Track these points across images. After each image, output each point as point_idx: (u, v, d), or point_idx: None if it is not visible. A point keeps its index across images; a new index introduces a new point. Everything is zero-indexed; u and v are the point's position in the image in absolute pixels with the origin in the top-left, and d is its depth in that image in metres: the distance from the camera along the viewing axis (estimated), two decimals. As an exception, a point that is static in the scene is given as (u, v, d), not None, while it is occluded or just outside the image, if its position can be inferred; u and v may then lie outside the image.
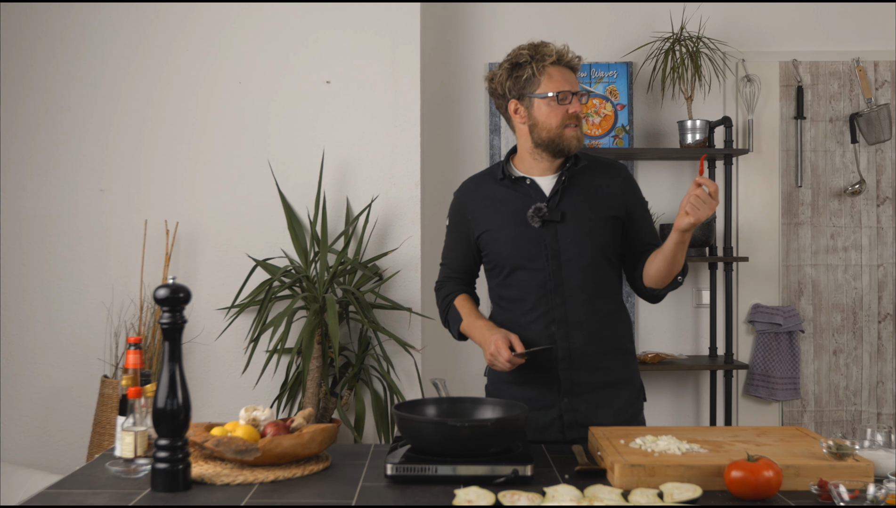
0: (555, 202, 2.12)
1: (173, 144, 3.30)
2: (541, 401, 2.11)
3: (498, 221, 2.16)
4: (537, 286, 2.11)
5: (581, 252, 2.09)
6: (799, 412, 3.72)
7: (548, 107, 2.10)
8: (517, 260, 2.13)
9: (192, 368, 3.24)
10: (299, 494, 1.55)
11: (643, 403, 2.22)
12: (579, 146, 2.12)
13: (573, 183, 2.14)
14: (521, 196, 2.14)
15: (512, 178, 2.17)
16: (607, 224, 2.13)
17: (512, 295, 2.16)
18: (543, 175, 2.16)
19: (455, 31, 3.71)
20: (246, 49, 3.31)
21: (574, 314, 2.10)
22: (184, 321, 1.58)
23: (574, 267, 2.09)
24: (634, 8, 3.71)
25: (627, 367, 2.18)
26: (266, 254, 3.28)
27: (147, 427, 1.69)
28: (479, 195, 2.21)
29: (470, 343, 3.63)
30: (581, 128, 2.12)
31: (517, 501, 1.46)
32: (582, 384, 2.10)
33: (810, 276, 3.73)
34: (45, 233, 3.28)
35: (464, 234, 2.24)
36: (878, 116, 3.66)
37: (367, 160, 3.31)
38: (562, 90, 2.09)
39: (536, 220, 2.09)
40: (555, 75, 2.10)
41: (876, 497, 1.40)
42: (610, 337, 2.14)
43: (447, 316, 2.28)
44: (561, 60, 2.11)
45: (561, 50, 2.12)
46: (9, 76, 3.28)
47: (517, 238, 2.12)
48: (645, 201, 2.23)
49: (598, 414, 2.10)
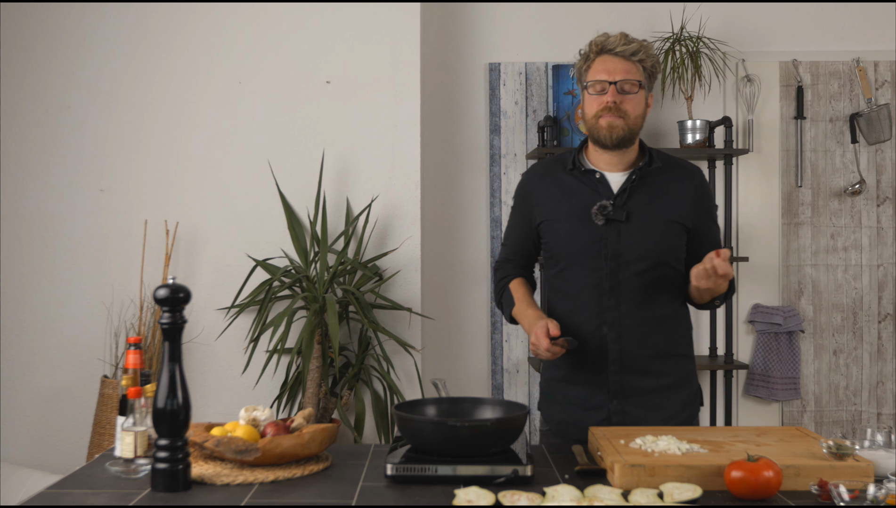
0: (622, 200, 2.06)
1: (173, 144, 3.30)
2: (590, 402, 2.09)
3: (561, 212, 2.11)
4: (592, 285, 2.06)
5: (642, 255, 2.04)
6: (799, 412, 3.72)
7: (588, 97, 2.08)
8: (574, 256, 2.08)
9: (192, 368, 3.24)
10: (299, 494, 1.55)
11: (699, 407, 2.17)
12: (610, 136, 2.04)
13: (644, 182, 2.08)
14: (589, 189, 2.09)
15: (582, 170, 2.11)
16: (673, 229, 2.07)
17: (566, 289, 2.11)
18: (614, 170, 2.10)
19: (455, 31, 3.71)
20: (246, 49, 3.31)
21: (628, 317, 2.05)
22: (184, 321, 1.58)
23: (633, 270, 2.04)
24: (634, 8, 3.71)
25: (682, 371, 2.13)
26: (266, 254, 3.28)
27: (147, 427, 1.69)
28: (546, 181, 2.16)
29: (470, 343, 3.60)
30: (623, 118, 2.03)
31: (517, 501, 1.46)
32: (632, 387, 2.06)
33: (810, 276, 3.73)
34: (45, 233, 3.28)
35: (526, 218, 2.19)
36: (878, 116, 3.66)
37: (367, 160, 3.31)
38: (596, 79, 2.05)
39: (600, 218, 2.04)
40: (597, 65, 2.07)
41: (876, 497, 1.40)
42: (663, 343, 2.09)
43: (501, 298, 2.23)
44: (604, 49, 2.06)
45: (602, 40, 2.06)
46: (9, 76, 3.28)
47: (578, 233, 2.07)
48: (715, 208, 2.18)
49: (648, 417, 2.06)
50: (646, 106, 2.10)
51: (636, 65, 2.06)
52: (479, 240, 3.69)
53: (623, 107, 2.04)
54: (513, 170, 3.67)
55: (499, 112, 3.68)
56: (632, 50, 2.05)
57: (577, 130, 3.56)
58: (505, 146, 3.68)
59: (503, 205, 3.66)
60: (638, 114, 2.06)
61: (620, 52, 2.05)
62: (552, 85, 3.62)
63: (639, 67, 2.06)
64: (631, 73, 2.05)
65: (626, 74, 2.04)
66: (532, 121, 3.68)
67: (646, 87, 2.09)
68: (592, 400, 2.09)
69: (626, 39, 2.06)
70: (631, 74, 2.05)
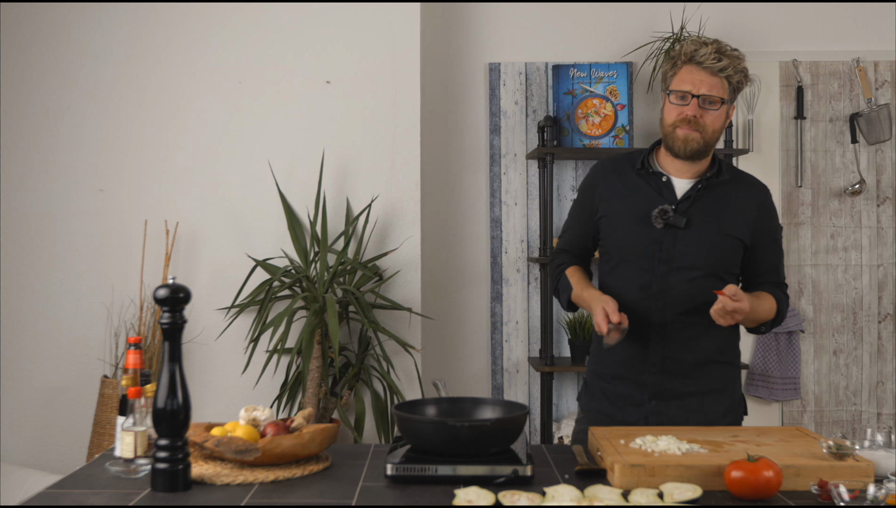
0: (683, 207, 2.06)
1: (173, 144, 3.30)
2: (630, 399, 2.10)
3: (622, 210, 2.11)
4: (641, 286, 2.07)
5: (694, 264, 2.04)
6: (799, 412, 3.72)
7: (669, 104, 2.06)
8: (628, 255, 2.09)
9: (192, 368, 3.24)
10: (299, 494, 1.55)
11: (743, 416, 2.17)
12: (685, 148, 2.03)
13: (709, 193, 2.08)
14: (653, 191, 2.09)
15: (649, 171, 2.11)
16: (730, 243, 2.07)
17: (616, 286, 2.11)
18: (681, 176, 2.10)
19: (455, 31, 3.71)
20: (246, 49, 3.31)
21: (673, 322, 2.06)
22: (184, 321, 1.58)
23: (684, 277, 2.05)
24: (634, 8, 3.71)
25: (726, 378, 2.13)
26: (266, 254, 3.28)
27: (147, 427, 1.69)
28: (612, 177, 2.16)
29: (470, 343, 3.60)
30: (700, 132, 2.02)
31: (517, 501, 1.46)
32: (671, 390, 2.07)
33: (810, 276, 3.73)
34: (45, 233, 3.28)
35: (588, 211, 2.19)
36: (878, 116, 3.66)
37: (367, 160, 3.31)
38: (679, 89, 2.03)
39: (660, 222, 2.04)
40: (682, 74, 2.04)
41: (876, 497, 1.40)
42: (706, 350, 2.09)
43: (557, 284, 2.23)
44: (692, 59, 2.03)
45: (692, 50, 2.03)
46: (8, 76, 3.28)
47: (635, 233, 2.07)
48: (779, 229, 2.16)
49: (688, 420, 2.06)
50: (726, 119, 2.08)
51: (722, 80, 2.03)
52: (479, 240, 3.69)
53: (702, 121, 2.02)
54: (513, 170, 3.67)
55: (499, 112, 3.68)
56: (721, 66, 2.02)
57: (577, 130, 3.57)
58: (505, 146, 3.68)
59: (503, 204, 3.66)
60: (716, 128, 2.05)
61: (709, 66, 2.02)
62: (552, 85, 3.62)
63: (724, 83, 2.04)
64: (715, 88, 2.02)
65: (710, 89, 2.02)
66: (532, 121, 3.68)
67: (728, 102, 2.07)
68: (632, 397, 2.10)
69: (717, 54, 2.02)
70: (715, 90, 2.02)
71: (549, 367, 3.44)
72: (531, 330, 3.67)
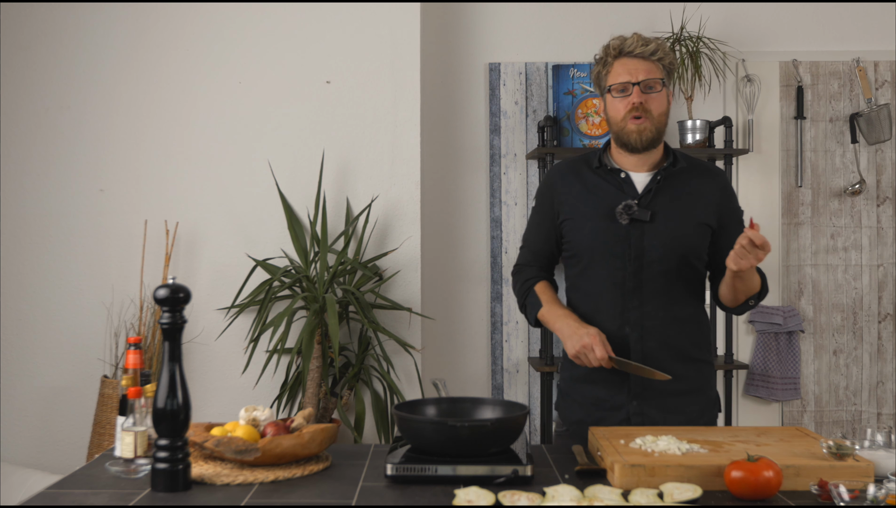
0: (646, 201, 2.07)
1: (173, 144, 3.30)
2: (610, 402, 2.09)
3: (585, 210, 2.11)
4: (615, 285, 2.07)
5: (665, 255, 2.05)
6: (799, 412, 3.72)
7: (612, 100, 2.08)
8: (598, 255, 2.09)
9: (192, 368, 3.24)
10: (299, 494, 1.55)
11: (717, 414, 2.18)
12: (640, 139, 2.06)
13: (668, 183, 2.10)
14: (613, 189, 2.10)
15: (607, 169, 2.12)
16: (697, 230, 2.09)
17: (588, 288, 2.11)
18: (639, 170, 2.12)
19: (455, 31, 3.71)
20: (246, 49, 3.31)
21: (650, 318, 2.06)
22: (184, 321, 1.58)
23: (656, 270, 2.05)
24: (634, 8, 3.71)
25: (702, 376, 2.13)
26: (266, 254, 3.28)
27: (147, 427, 1.69)
28: (570, 179, 2.16)
29: (470, 343, 3.59)
30: (649, 120, 2.05)
31: (517, 501, 1.46)
32: (653, 389, 2.07)
33: (810, 276, 3.73)
34: (45, 233, 3.28)
35: (549, 217, 2.19)
36: (878, 116, 3.66)
37: (367, 160, 3.31)
38: (618, 81, 2.06)
39: (625, 217, 2.05)
40: (617, 68, 2.07)
41: (876, 497, 1.40)
42: (685, 345, 2.10)
43: (525, 300, 2.22)
44: (622, 52, 2.07)
45: (619, 43, 2.07)
46: (9, 76, 3.28)
47: (602, 231, 2.08)
48: (740, 211, 2.18)
49: (668, 419, 2.07)
50: (668, 103, 2.11)
51: (656, 64, 2.08)
52: (479, 240, 3.69)
53: (648, 106, 2.05)
54: (513, 170, 3.67)
55: (499, 112, 3.68)
56: (650, 50, 2.07)
57: (577, 130, 3.57)
58: (505, 146, 3.68)
59: (503, 204, 3.66)
60: (662, 112, 2.08)
61: (640, 53, 2.06)
62: (552, 85, 3.62)
63: (658, 66, 2.08)
64: (652, 72, 2.07)
65: (647, 74, 2.06)
66: (532, 121, 3.68)
67: (667, 85, 2.10)
68: (612, 400, 2.09)
69: (643, 40, 2.07)
70: (652, 74, 2.06)
71: (549, 367, 3.44)
72: (531, 330, 3.67)
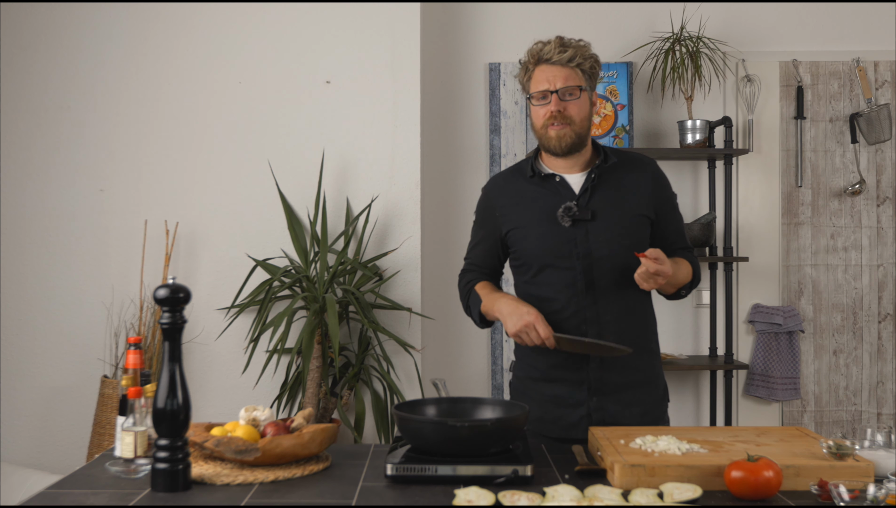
0: (585, 200, 2.09)
1: (173, 144, 3.30)
2: (569, 399, 2.10)
3: (527, 219, 2.13)
4: (567, 285, 2.09)
5: (612, 251, 2.07)
6: (799, 412, 3.72)
7: (533, 108, 2.11)
8: (546, 259, 2.10)
9: (192, 368, 3.24)
10: (299, 494, 1.55)
11: (667, 404, 2.21)
12: (560, 145, 2.07)
13: (603, 181, 2.12)
14: (551, 194, 2.12)
15: (541, 176, 2.14)
16: (638, 222, 2.11)
17: (541, 293, 2.13)
18: (572, 172, 2.14)
19: (455, 31, 3.71)
20: (246, 49, 3.31)
21: (605, 313, 2.08)
22: (184, 321, 1.58)
23: (605, 266, 2.08)
24: (634, 8, 3.71)
25: (653, 368, 2.16)
26: (266, 254, 3.28)
27: (147, 427, 1.69)
28: (507, 192, 2.19)
29: (470, 343, 3.58)
30: (569, 126, 2.07)
31: (517, 501, 1.46)
32: (611, 383, 2.09)
33: (810, 276, 3.73)
34: (45, 233, 3.28)
35: (490, 232, 2.22)
36: (878, 116, 3.66)
37: (367, 160, 3.31)
38: (538, 90, 2.08)
39: (567, 219, 2.07)
40: (537, 75, 2.09)
41: (876, 497, 1.40)
42: (639, 337, 2.12)
43: (468, 301, 2.24)
44: (541, 59, 2.09)
45: (538, 50, 2.09)
46: (9, 76, 3.28)
47: (546, 236, 2.10)
48: (674, 197, 2.21)
49: (625, 413, 2.09)
50: (591, 106, 2.12)
51: (574, 70, 2.08)
52: (479, 240, 3.69)
53: (567, 113, 2.07)
54: (513, 170, 3.67)
55: (499, 112, 3.68)
56: (568, 57, 2.07)
57: (577, 130, 3.56)
58: (505, 146, 3.68)
59: (503, 205, 3.66)
60: (583, 117, 2.09)
61: (557, 60, 2.07)
62: (552, 85, 3.61)
63: (577, 72, 2.09)
64: (570, 79, 2.07)
65: (565, 81, 2.07)
66: (532, 121, 3.67)
67: (587, 89, 2.11)
68: (572, 397, 2.11)
69: (561, 47, 2.08)
70: (571, 81, 2.07)
71: (549, 367, 3.43)
72: (531, 330, 3.67)
